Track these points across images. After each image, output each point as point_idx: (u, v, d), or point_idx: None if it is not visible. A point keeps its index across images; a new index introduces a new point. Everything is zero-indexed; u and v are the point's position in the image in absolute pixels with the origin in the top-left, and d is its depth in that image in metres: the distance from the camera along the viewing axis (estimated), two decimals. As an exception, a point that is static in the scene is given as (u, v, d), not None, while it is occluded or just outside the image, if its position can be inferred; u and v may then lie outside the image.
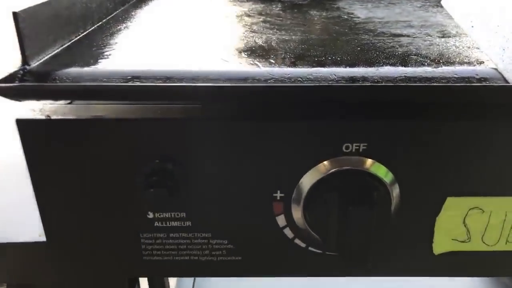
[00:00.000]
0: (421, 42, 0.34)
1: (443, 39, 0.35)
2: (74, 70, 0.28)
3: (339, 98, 0.26)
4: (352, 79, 0.27)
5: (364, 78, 0.27)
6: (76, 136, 0.28)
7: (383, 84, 0.25)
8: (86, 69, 0.28)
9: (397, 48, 0.32)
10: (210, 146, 0.29)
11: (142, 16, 0.43)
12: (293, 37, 0.35)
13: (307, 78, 0.27)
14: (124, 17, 0.42)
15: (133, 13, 0.44)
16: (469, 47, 0.33)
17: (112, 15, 0.42)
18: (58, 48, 0.31)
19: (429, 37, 0.36)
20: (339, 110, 0.28)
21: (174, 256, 0.32)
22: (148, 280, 0.58)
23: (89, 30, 0.36)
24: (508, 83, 0.26)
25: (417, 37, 0.36)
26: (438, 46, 0.33)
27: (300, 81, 0.26)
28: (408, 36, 0.36)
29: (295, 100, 0.26)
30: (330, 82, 0.26)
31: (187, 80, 0.26)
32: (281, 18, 0.42)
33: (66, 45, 0.32)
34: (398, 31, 0.38)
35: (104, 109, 0.28)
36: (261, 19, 0.42)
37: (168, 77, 0.27)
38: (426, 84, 0.24)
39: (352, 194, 0.27)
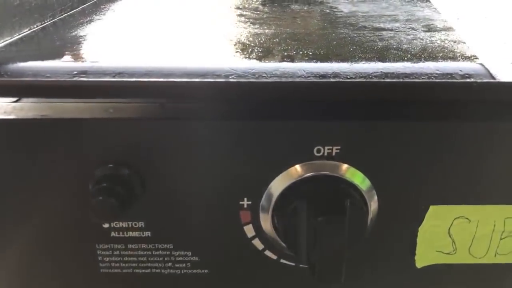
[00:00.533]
0: (404, 36, 0.32)
1: (428, 33, 0.32)
2: (17, 65, 0.25)
3: (306, 96, 0.23)
4: (323, 75, 0.24)
5: (335, 74, 0.24)
6: (21, 138, 0.26)
7: (355, 80, 0.22)
8: (30, 64, 0.25)
9: (377, 42, 0.30)
10: (169, 149, 0.26)
11: (108, 12, 0.40)
12: (266, 31, 0.32)
13: (273, 73, 0.24)
14: (90, 11, 0.39)
15: (100, 8, 0.41)
16: (455, 42, 0.30)
17: (78, 9, 0.39)
18: (4, 41, 0.29)
19: (413, 31, 0.33)
20: (309, 110, 0.25)
21: (134, 268, 0.30)
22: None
23: (47, 22, 0.34)
24: (495, 79, 0.23)
25: (400, 31, 0.33)
26: (421, 41, 0.30)
27: (264, 76, 0.24)
28: (391, 30, 0.33)
29: (259, 97, 0.24)
30: (297, 78, 0.23)
31: (138, 76, 0.24)
32: (258, 12, 0.39)
33: (15, 38, 0.30)
34: (381, 25, 0.35)
35: (51, 108, 0.26)
36: (237, 13, 0.39)
37: (118, 73, 0.24)
38: (403, 81, 0.22)
39: (322, 202, 0.24)
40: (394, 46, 0.29)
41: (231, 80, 0.23)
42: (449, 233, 0.28)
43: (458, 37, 0.31)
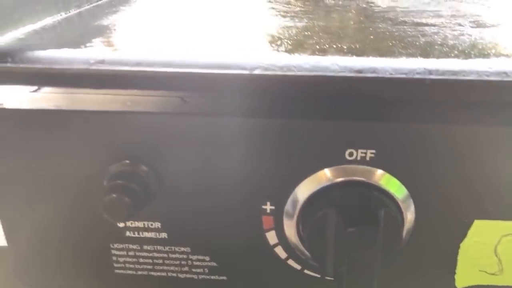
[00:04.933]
0: (450, 32, 0.29)
1: (477, 29, 0.29)
2: (34, 53, 0.24)
3: (339, 92, 0.21)
4: (358, 70, 0.22)
5: (372, 70, 0.21)
6: (36, 129, 0.24)
7: (395, 76, 0.20)
8: (47, 52, 0.24)
9: (419, 37, 0.27)
10: (189, 146, 0.24)
11: (136, 3, 0.39)
12: (298, 24, 0.30)
13: (303, 67, 0.22)
14: (118, 1, 0.38)
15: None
16: (508, 38, 0.27)
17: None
18: (25, 29, 0.28)
19: (460, 26, 0.30)
20: (342, 108, 0.23)
21: (149, 271, 0.28)
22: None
23: (73, 12, 0.33)
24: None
25: (445, 27, 0.30)
26: (470, 37, 0.27)
27: (293, 70, 0.22)
28: (434, 25, 0.31)
29: (286, 92, 0.22)
30: (330, 73, 0.21)
31: (158, 66, 0.22)
32: (289, 5, 0.37)
33: (37, 26, 0.29)
34: (423, 21, 0.32)
35: (67, 99, 0.24)
36: (267, 6, 0.37)
37: (137, 63, 0.22)
38: (451, 78, 0.19)
39: (354, 211, 0.22)
40: (439, 42, 0.26)
41: (256, 72, 0.21)
42: (495, 251, 0.25)
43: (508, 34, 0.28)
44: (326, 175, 0.24)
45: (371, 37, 0.27)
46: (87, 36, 0.28)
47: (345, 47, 0.25)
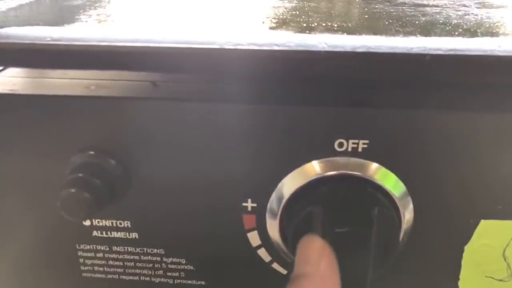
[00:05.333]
0: (453, 12, 0.26)
1: (483, 10, 0.27)
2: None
3: (327, 72, 0.18)
4: (349, 48, 0.19)
5: (366, 48, 0.19)
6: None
7: (390, 51, 0.17)
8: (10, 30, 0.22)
9: (419, 17, 0.25)
10: (161, 136, 0.22)
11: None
12: (286, 4, 0.28)
13: (285, 45, 0.19)
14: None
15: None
16: (518, 18, 0.24)
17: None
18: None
19: (464, 7, 0.28)
20: (329, 93, 0.20)
21: (120, 274, 0.25)
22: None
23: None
24: None
25: (448, 8, 0.27)
26: (476, 16, 0.25)
27: (275, 47, 0.19)
28: (436, 6, 0.28)
29: (265, 73, 0.19)
30: (315, 49, 0.18)
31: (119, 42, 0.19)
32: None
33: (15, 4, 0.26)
34: (425, 2, 0.30)
35: (24, 83, 0.22)
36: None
37: (98, 39, 0.20)
38: (455, 54, 0.17)
39: (343, 209, 0.19)
40: (441, 21, 0.23)
41: (228, 47, 0.18)
42: (504, 255, 0.23)
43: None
44: (312, 169, 0.21)
45: (366, 16, 0.24)
46: (53, 15, 0.25)
47: (335, 25, 0.22)
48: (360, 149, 0.21)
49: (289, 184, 0.21)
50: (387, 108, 0.20)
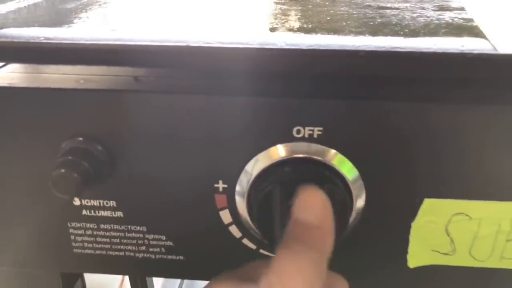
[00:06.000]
0: (409, 14, 0.29)
1: (438, 12, 0.29)
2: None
3: (285, 68, 0.21)
4: (304, 46, 0.22)
5: (318, 47, 0.22)
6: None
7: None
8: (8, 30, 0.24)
9: (376, 19, 0.27)
10: (141, 125, 0.24)
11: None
12: (255, 7, 0.30)
13: (249, 44, 0.22)
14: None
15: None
16: (465, 20, 0.27)
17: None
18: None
19: (422, 10, 0.30)
20: (288, 85, 0.23)
21: (107, 250, 0.28)
22: (130, 281, 0.55)
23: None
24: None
25: (407, 10, 0.30)
26: (427, 18, 0.27)
27: (240, 45, 0.22)
28: (397, 9, 0.31)
29: (231, 68, 0.22)
30: (274, 47, 0.21)
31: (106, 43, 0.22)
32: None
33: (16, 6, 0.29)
34: (389, 5, 0.32)
35: (20, 78, 0.25)
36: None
37: (88, 39, 0.23)
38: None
39: (296, 186, 0.22)
40: (393, 23, 0.26)
41: (197, 45, 0.21)
42: (446, 231, 0.25)
43: (470, 16, 0.28)
44: (275, 153, 0.24)
45: (328, 18, 0.27)
46: (48, 17, 0.28)
47: (296, 26, 0.25)
48: (315, 136, 0.23)
49: (254, 167, 0.24)
50: (337, 99, 0.22)
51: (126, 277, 0.65)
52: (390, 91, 0.22)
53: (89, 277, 0.38)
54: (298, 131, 0.23)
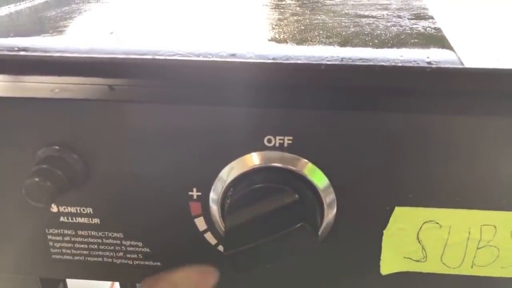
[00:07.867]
0: (383, 23, 0.29)
1: (412, 21, 0.30)
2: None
3: (254, 79, 0.22)
4: (272, 58, 0.22)
5: (286, 58, 0.22)
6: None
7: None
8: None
9: (350, 28, 0.28)
10: (115, 133, 0.25)
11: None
12: (233, 17, 0.31)
13: (219, 55, 0.22)
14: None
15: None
16: (437, 30, 0.27)
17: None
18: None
19: (397, 19, 0.31)
20: (258, 95, 0.23)
21: (85, 256, 0.29)
22: (120, 285, 0.55)
23: (22, 5, 0.34)
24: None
25: (383, 19, 0.30)
26: (400, 28, 0.28)
27: (208, 57, 0.22)
28: (373, 17, 0.31)
29: (204, 80, 0.22)
30: (242, 59, 0.21)
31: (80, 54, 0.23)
32: (241, -1, 0.38)
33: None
34: (366, 13, 0.33)
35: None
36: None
37: (61, 50, 0.23)
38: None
39: (262, 195, 0.22)
40: (365, 32, 0.26)
41: (165, 57, 0.21)
42: (418, 238, 0.26)
43: (442, 26, 0.28)
44: (247, 161, 0.24)
45: (302, 28, 0.27)
46: (27, 26, 0.29)
47: (269, 37, 0.25)
48: (285, 145, 0.24)
49: (227, 175, 0.25)
50: (306, 108, 0.23)
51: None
52: (358, 100, 0.23)
53: (78, 281, 0.38)
54: (269, 140, 0.24)
